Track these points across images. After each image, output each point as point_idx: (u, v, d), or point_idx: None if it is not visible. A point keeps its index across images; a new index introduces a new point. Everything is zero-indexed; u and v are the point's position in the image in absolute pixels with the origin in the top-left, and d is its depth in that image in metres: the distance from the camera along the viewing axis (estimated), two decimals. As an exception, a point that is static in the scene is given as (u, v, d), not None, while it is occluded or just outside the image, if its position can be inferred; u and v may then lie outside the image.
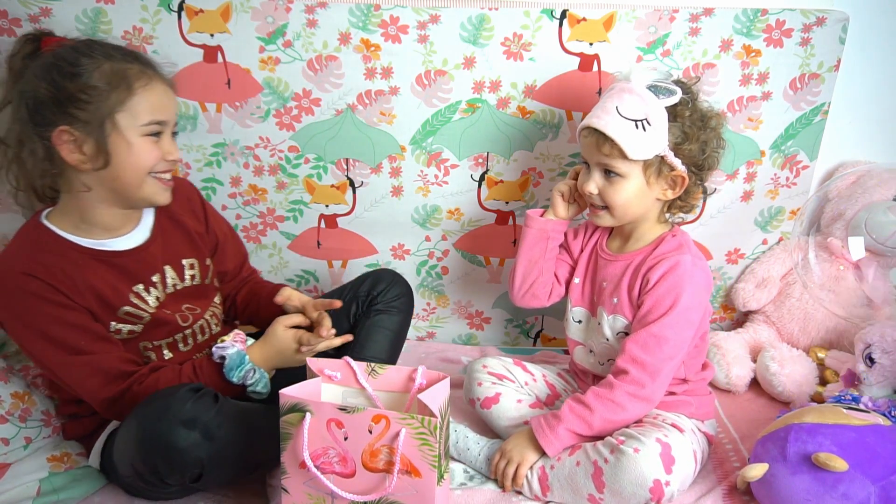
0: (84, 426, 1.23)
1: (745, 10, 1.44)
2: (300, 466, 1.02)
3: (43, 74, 1.08)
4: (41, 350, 1.11)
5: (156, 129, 1.13)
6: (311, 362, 1.08)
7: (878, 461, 1.08)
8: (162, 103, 1.14)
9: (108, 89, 1.08)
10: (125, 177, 1.12)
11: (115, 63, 1.10)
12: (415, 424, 0.97)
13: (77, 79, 1.07)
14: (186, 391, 1.05)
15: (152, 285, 1.21)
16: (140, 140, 1.11)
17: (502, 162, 1.55)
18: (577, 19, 1.43)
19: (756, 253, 1.70)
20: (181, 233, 1.28)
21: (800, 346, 1.60)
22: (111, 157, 1.10)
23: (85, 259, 1.14)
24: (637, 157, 1.17)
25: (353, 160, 1.54)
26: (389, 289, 1.39)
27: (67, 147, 1.09)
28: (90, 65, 1.08)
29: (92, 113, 1.08)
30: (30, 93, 1.09)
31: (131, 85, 1.10)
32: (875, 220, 1.46)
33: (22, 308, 1.09)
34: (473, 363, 1.38)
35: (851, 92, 1.58)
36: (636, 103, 1.17)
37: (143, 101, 1.10)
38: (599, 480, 1.13)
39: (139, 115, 1.10)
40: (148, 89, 1.11)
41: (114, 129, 1.09)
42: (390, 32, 1.43)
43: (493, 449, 1.26)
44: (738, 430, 1.42)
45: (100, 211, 1.16)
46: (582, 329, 1.33)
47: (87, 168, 1.10)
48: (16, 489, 1.17)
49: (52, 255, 1.12)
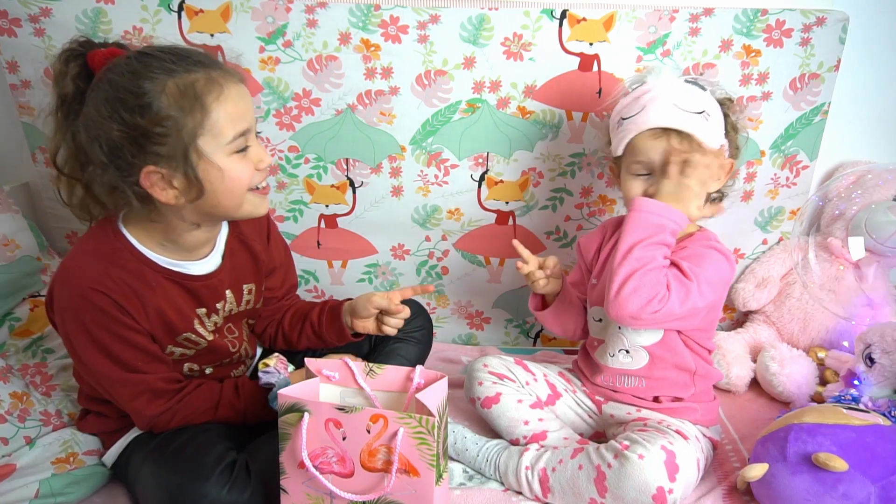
0: (107, 424, 1.22)
1: (745, 10, 1.44)
2: (299, 466, 1.02)
3: (109, 113, 0.97)
4: (99, 364, 1.08)
5: (242, 144, 1.03)
6: (310, 362, 1.08)
7: (878, 461, 1.08)
8: (239, 110, 1.03)
9: (182, 115, 0.98)
10: (224, 202, 1.05)
11: (179, 78, 0.99)
12: (413, 424, 0.97)
13: (147, 112, 0.97)
14: (220, 473, 1.04)
15: (214, 311, 1.19)
16: (229, 160, 1.02)
17: (502, 162, 1.55)
18: (577, 19, 1.43)
19: (756, 253, 1.70)
20: (248, 256, 1.24)
21: (800, 346, 1.60)
22: (205, 187, 1.01)
23: (158, 279, 1.10)
24: (710, 145, 1.18)
25: (353, 160, 1.54)
26: (412, 319, 1.35)
27: (158, 187, 1.01)
28: (154, 89, 0.97)
29: (172, 146, 0.98)
30: (102, 137, 0.98)
31: (204, 102, 0.99)
32: (875, 220, 1.45)
33: (89, 322, 1.05)
34: (474, 362, 1.38)
35: (851, 92, 1.58)
36: (690, 96, 1.19)
37: (221, 116, 1.00)
38: (602, 485, 1.12)
39: (221, 133, 1.01)
40: (222, 100, 1.00)
41: (200, 157, 1.00)
42: (390, 32, 1.43)
43: (492, 449, 1.26)
44: (738, 430, 1.42)
45: (186, 234, 1.10)
46: (603, 327, 1.33)
47: (183, 202, 1.03)
48: (15, 491, 1.16)
49: (127, 273, 1.06)
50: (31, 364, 1.34)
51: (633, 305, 1.12)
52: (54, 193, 1.09)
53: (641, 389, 1.28)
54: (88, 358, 1.08)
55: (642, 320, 1.14)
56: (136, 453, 1.17)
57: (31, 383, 1.33)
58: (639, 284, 1.11)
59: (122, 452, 1.20)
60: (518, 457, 1.23)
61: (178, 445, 1.10)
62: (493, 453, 1.26)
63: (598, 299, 1.32)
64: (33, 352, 1.36)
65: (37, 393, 1.32)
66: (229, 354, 1.24)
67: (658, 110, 1.19)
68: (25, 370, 1.34)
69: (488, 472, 1.25)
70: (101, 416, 1.23)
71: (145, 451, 1.14)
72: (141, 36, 1.41)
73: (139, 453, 1.16)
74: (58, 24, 1.41)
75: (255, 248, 1.25)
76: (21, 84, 1.48)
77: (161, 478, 1.07)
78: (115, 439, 1.21)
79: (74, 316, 1.06)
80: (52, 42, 1.42)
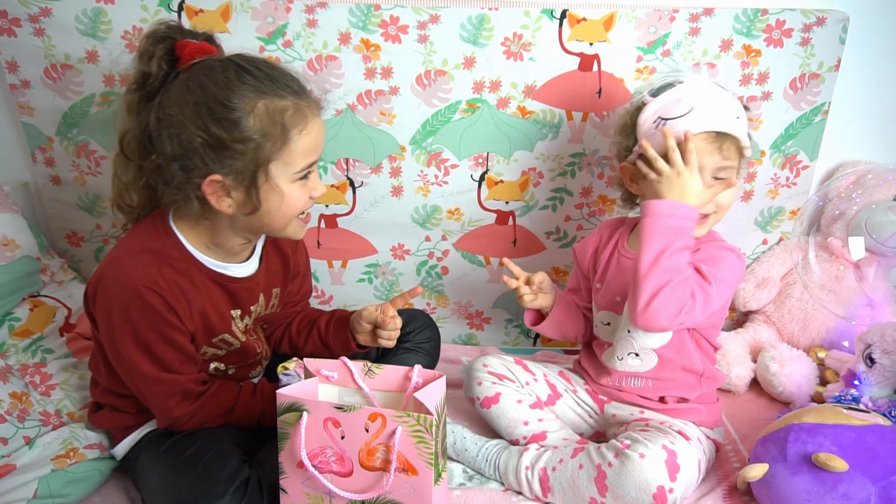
0: (121, 420, 1.22)
1: (745, 10, 1.44)
2: (298, 466, 1.02)
3: (194, 117, 0.98)
4: (138, 362, 1.07)
5: (307, 173, 1.06)
6: (309, 362, 1.08)
7: (878, 461, 1.08)
8: (316, 143, 1.06)
9: (264, 139, 1.00)
10: (273, 222, 1.08)
11: (269, 101, 1.00)
12: (411, 422, 0.97)
13: (233, 127, 0.98)
14: (234, 491, 1.04)
15: (248, 314, 1.21)
16: (291, 187, 1.05)
17: (502, 162, 1.55)
18: (577, 19, 1.43)
19: (756, 253, 1.70)
20: (280, 262, 1.27)
21: (800, 346, 1.59)
22: (261, 205, 1.04)
23: (203, 280, 1.11)
24: (749, 152, 1.21)
25: (353, 160, 1.54)
26: (422, 330, 1.41)
27: (217, 195, 1.03)
28: (244, 107, 0.99)
29: (245, 163, 1.00)
30: (183, 135, 0.99)
31: (288, 133, 1.01)
32: (875, 220, 1.45)
33: (137, 319, 1.05)
34: (474, 362, 1.38)
35: (851, 92, 1.58)
36: (729, 100, 1.19)
37: (298, 148, 1.02)
38: (602, 484, 1.12)
39: (294, 163, 1.03)
40: (304, 134, 1.03)
41: (266, 179, 1.02)
42: (390, 32, 1.43)
43: (491, 449, 1.26)
44: (738, 430, 1.41)
45: (232, 238, 1.12)
46: (612, 330, 1.32)
47: (234, 213, 1.05)
48: (14, 491, 1.16)
49: (177, 273, 1.08)
50: (30, 364, 1.34)
51: (663, 319, 1.11)
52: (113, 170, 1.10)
53: (648, 390, 1.28)
54: (128, 354, 1.08)
55: (669, 329, 1.18)
56: (147, 451, 1.17)
57: (30, 383, 1.33)
58: (668, 299, 1.10)
59: (131, 449, 1.21)
60: (518, 456, 1.23)
61: (191, 454, 1.10)
62: (493, 453, 1.26)
63: (606, 304, 1.32)
64: (33, 352, 1.36)
65: (36, 393, 1.32)
66: (255, 355, 1.26)
67: (712, 113, 1.16)
68: (25, 370, 1.34)
69: (488, 472, 1.25)
70: (116, 411, 1.22)
71: (157, 453, 1.14)
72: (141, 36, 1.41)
73: (150, 452, 1.16)
74: (58, 24, 1.41)
75: (287, 254, 1.28)
76: (21, 84, 1.48)
77: (172, 488, 1.07)
78: (127, 434, 1.21)
79: (122, 311, 1.05)
80: (52, 42, 1.43)
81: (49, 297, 1.44)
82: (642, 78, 1.47)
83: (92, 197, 1.61)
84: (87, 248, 1.68)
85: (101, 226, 1.65)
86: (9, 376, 1.31)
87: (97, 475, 1.23)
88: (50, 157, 1.57)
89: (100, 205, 1.62)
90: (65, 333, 1.41)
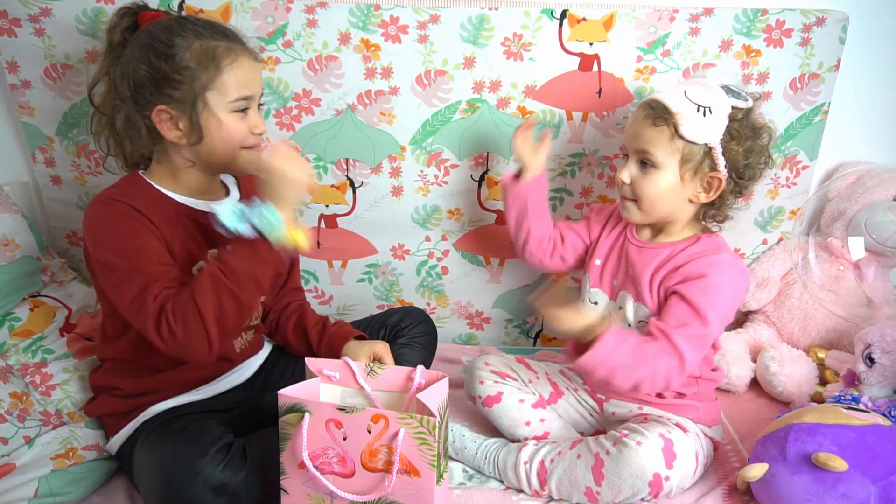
0: (117, 405, 1.23)
1: (745, 10, 1.44)
2: (299, 467, 1.02)
3: (141, 56, 1.13)
4: (112, 265, 1.10)
5: (243, 105, 1.16)
6: (310, 363, 1.08)
7: (878, 461, 1.08)
8: (248, 79, 1.17)
9: (199, 69, 1.12)
10: (218, 152, 1.17)
11: (205, 41, 1.13)
12: (413, 424, 0.97)
13: (171, 59, 1.11)
14: (216, 452, 1.05)
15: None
16: (229, 117, 1.15)
17: (502, 162, 1.55)
18: (577, 19, 1.43)
19: (756, 253, 1.70)
20: None
21: (800, 346, 1.60)
22: (204, 133, 1.15)
23: (177, 212, 1.19)
24: (689, 137, 1.16)
25: (353, 160, 1.54)
26: (417, 325, 1.44)
27: (166, 125, 1.14)
28: (182, 44, 1.12)
29: (185, 92, 1.12)
30: (130, 74, 1.13)
31: (219, 64, 1.13)
32: (875, 220, 1.46)
33: (113, 220, 1.12)
34: (476, 360, 1.38)
35: (851, 92, 1.58)
36: (705, 92, 1.18)
37: (230, 79, 1.14)
38: (599, 472, 1.13)
39: (227, 92, 1.14)
40: (234, 67, 1.14)
41: (205, 107, 1.14)
42: (390, 32, 1.43)
43: (491, 446, 1.26)
44: (738, 430, 1.42)
45: (190, 173, 1.21)
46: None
47: (184, 143, 1.16)
48: (15, 490, 1.16)
49: (149, 200, 1.16)
50: (31, 364, 1.34)
51: (656, 391, 1.19)
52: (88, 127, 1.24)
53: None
54: (106, 258, 1.10)
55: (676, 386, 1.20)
56: (139, 440, 1.17)
57: (30, 383, 1.33)
58: (650, 387, 1.15)
59: (125, 442, 1.21)
60: (517, 452, 1.23)
61: (178, 427, 1.13)
62: (493, 450, 1.26)
63: (600, 283, 1.33)
64: (33, 352, 1.36)
65: (36, 393, 1.31)
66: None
67: (664, 91, 1.21)
68: (25, 370, 1.33)
69: (488, 470, 1.26)
70: (112, 395, 1.24)
71: (145, 437, 1.16)
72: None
73: (142, 440, 1.17)
74: (58, 24, 1.41)
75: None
76: (21, 84, 1.48)
77: (156, 454, 1.10)
78: (122, 425, 1.22)
79: (99, 223, 1.13)
80: (52, 42, 1.42)
81: (49, 297, 1.43)
82: (642, 78, 1.48)
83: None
84: (87, 248, 1.68)
85: (100, 226, 1.65)
86: (9, 376, 1.31)
87: (97, 474, 1.24)
88: (50, 157, 1.56)
89: (100, 205, 1.62)
90: (65, 333, 1.41)
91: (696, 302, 1.15)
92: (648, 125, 1.19)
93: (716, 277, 1.16)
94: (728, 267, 1.18)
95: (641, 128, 1.20)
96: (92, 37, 1.42)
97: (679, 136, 1.16)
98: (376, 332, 1.43)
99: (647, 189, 1.21)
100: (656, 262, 1.23)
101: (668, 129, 1.17)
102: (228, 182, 1.31)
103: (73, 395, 1.33)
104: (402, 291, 1.70)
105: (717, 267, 1.17)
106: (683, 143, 1.17)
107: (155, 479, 1.08)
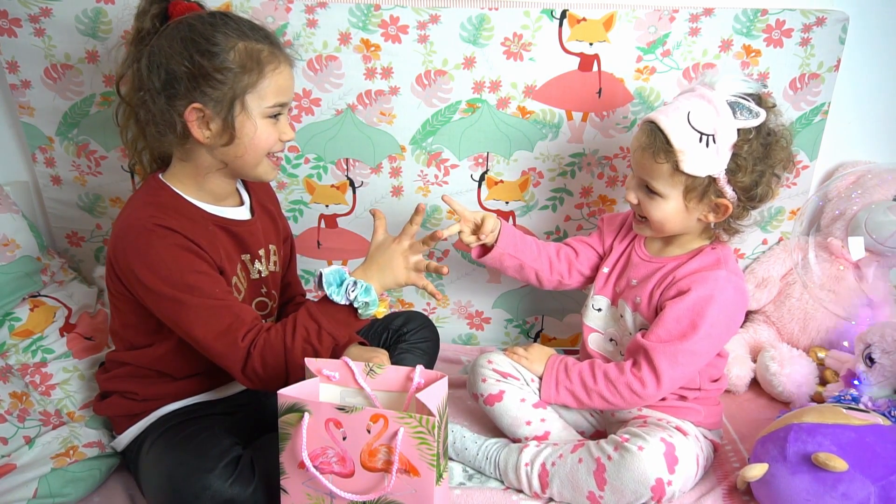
0: (129, 407, 1.22)
1: (745, 10, 1.44)
2: (299, 466, 1.02)
3: (180, 48, 1.08)
4: (180, 296, 1.09)
5: (277, 111, 1.15)
6: (310, 362, 1.08)
7: (878, 461, 1.08)
8: (287, 86, 1.16)
9: (242, 71, 1.10)
10: (245, 156, 1.15)
11: (249, 43, 1.11)
12: (413, 423, 0.97)
13: (214, 58, 1.08)
14: (225, 467, 1.05)
15: (258, 258, 1.25)
16: (263, 122, 1.14)
17: (502, 162, 1.55)
18: (577, 19, 1.43)
19: (756, 253, 1.70)
20: (269, 219, 1.32)
21: (800, 346, 1.59)
22: (236, 136, 1.12)
23: (206, 223, 1.17)
24: (691, 172, 1.15)
25: (353, 160, 1.54)
26: (419, 330, 1.44)
27: (196, 123, 1.11)
28: (226, 43, 1.09)
29: (224, 93, 1.09)
30: (164, 64, 1.09)
31: (263, 69, 1.11)
32: (875, 220, 1.45)
33: (163, 251, 1.09)
34: (479, 358, 1.37)
35: (851, 92, 1.58)
36: (710, 115, 1.14)
37: (271, 85, 1.12)
38: (601, 477, 1.13)
39: (266, 97, 1.12)
40: (277, 73, 1.13)
41: (242, 110, 1.11)
42: (390, 32, 1.43)
43: (491, 447, 1.26)
44: (738, 430, 1.42)
45: (212, 179, 1.19)
46: (601, 317, 1.33)
47: (211, 144, 1.13)
48: (14, 490, 1.16)
49: (181, 215, 1.14)
50: (31, 364, 1.34)
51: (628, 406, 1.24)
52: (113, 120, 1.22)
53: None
54: (169, 294, 1.08)
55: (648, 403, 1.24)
56: (147, 441, 1.17)
57: (30, 383, 1.33)
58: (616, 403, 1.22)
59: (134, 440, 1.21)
60: (518, 453, 1.23)
61: (185, 436, 1.12)
62: (493, 450, 1.26)
63: (605, 290, 1.34)
64: (33, 352, 1.36)
65: (36, 393, 1.32)
66: (266, 307, 1.30)
67: (668, 108, 1.18)
68: (25, 370, 1.34)
69: (488, 471, 1.26)
70: (126, 398, 1.23)
71: (155, 440, 1.15)
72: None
73: (150, 441, 1.17)
74: (58, 24, 1.41)
75: (273, 212, 1.34)
76: (21, 84, 1.48)
77: (164, 465, 1.09)
78: (131, 424, 1.22)
79: (144, 257, 1.09)
80: (52, 42, 1.43)
81: (49, 297, 1.43)
82: (642, 78, 1.48)
83: (92, 197, 1.61)
84: (87, 248, 1.68)
85: (101, 226, 1.65)
86: (9, 376, 1.31)
87: (97, 474, 1.24)
88: (50, 157, 1.57)
89: (100, 205, 1.62)
90: (65, 333, 1.41)
91: (679, 317, 1.17)
92: (649, 157, 1.18)
93: (703, 292, 1.18)
94: (722, 283, 1.19)
95: (643, 158, 1.19)
96: (92, 37, 1.42)
97: (680, 171, 1.16)
98: (378, 335, 1.43)
99: (654, 213, 1.22)
100: (657, 276, 1.25)
101: (668, 165, 1.16)
102: (240, 188, 1.29)
103: (74, 395, 1.33)
104: (402, 291, 1.70)
105: (706, 283, 1.19)
106: (686, 176, 1.17)
107: (162, 490, 1.08)
